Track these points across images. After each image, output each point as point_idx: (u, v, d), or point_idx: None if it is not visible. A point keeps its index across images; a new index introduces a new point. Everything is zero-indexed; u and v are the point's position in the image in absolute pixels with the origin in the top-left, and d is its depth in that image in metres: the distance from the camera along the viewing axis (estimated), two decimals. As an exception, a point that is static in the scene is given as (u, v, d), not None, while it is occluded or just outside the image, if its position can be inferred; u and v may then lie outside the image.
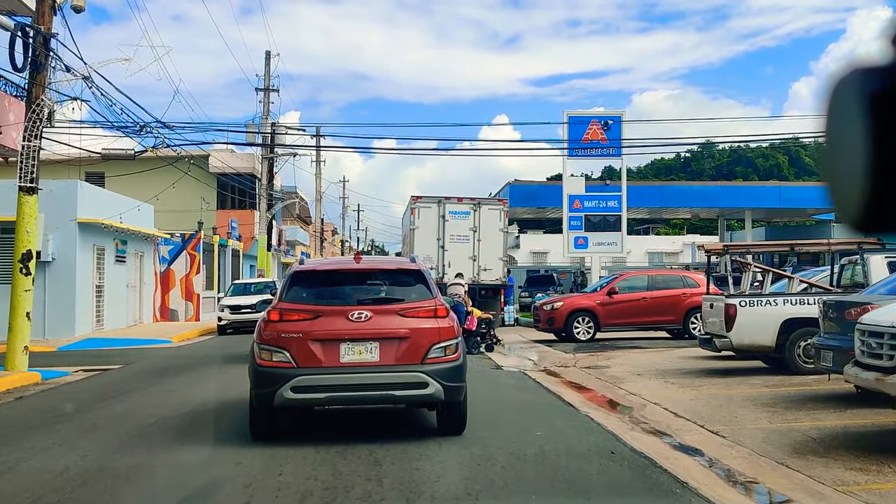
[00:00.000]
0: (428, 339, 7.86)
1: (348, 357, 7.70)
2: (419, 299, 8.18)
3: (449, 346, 7.94)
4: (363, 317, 7.80)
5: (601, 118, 28.27)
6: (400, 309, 8.03)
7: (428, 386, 7.72)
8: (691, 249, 64.81)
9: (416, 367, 7.76)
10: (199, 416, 10.07)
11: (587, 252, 28.88)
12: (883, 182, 1.08)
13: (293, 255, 60.85)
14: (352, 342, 7.72)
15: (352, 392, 7.83)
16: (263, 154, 39.83)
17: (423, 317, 8.01)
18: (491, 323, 19.14)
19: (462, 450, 7.68)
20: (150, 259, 31.26)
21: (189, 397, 11.57)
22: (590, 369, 14.89)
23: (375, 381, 7.74)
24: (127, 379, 14.30)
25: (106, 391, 12.52)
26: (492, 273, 25.43)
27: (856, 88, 1.12)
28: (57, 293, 23.70)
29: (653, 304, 21.12)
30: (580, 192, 28.23)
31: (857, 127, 1.10)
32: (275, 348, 7.70)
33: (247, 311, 25.47)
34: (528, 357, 17.70)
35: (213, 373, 14.77)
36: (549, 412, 9.99)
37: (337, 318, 7.83)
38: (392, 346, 7.78)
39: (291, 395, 7.58)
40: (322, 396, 7.82)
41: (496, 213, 25.55)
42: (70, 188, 24.13)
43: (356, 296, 8.20)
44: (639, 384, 12.50)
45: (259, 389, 7.79)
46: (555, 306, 21.53)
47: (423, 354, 7.79)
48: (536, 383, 12.82)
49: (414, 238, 25.40)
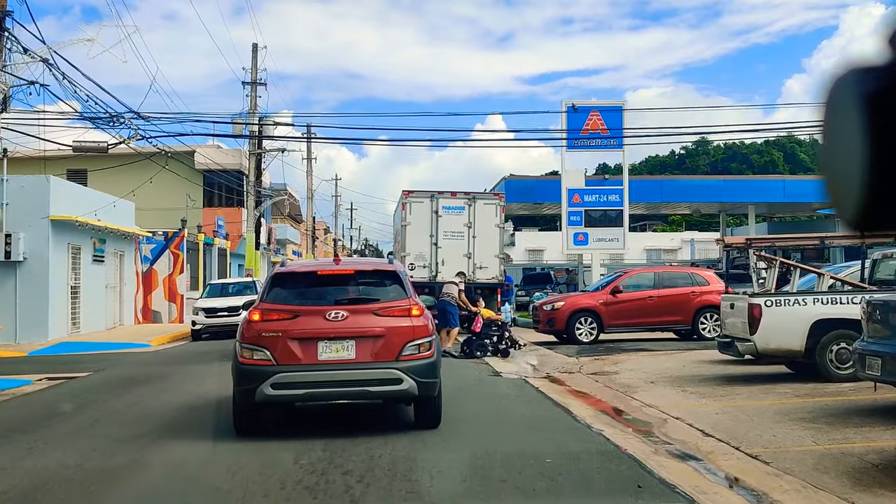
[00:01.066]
0: (402, 337, 8.17)
1: (326, 355, 8.02)
2: (394, 299, 8.50)
3: (423, 343, 8.24)
4: (340, 316, 8.13)
5: (602, 108, 27.03)
6: (375, 308, 8.37)
7: (402, 382, 8.02)
8: (691, 246, 63.61)
9: (391, 364, 8.06)
10: (156, 440, 8.78)
11: (587, 249, 27.65)
12: (880, 181, 1.08)
13: (283, 254, 59.53)
14: (329, 340, 8.03)
15: (329, 388, 8.15)
16: (251, 149, 38.54)
17: (398, 316, 8.32)
18: (504, 325, 17.71)
19: (460, 483, 6.46)
20: (132, 258, 29.94)
21: (152, 411, 10.32)
22: (597, 375, 13.66)
23: (351, 377, 8.05)
24: (90, 389, 13.04)
25: (59, 405, 11.23)
26: (488, 271, 24.17)
27: (852, 88, 1.12)
28: (29, 295, 22.40)
29: (660, 304, 19.89)
30: (580, 185, 26.99)
31: (853, 126, 1.10)
32: (256, 347, 8.00)
33: (223, 314, 23.63)
34: (528, 361, 16.46)
35: (185, 382, 13.51)
36: (558, 430, 8.74)
37: (315, 317, 8.15)
38: (368, 343, 8.09)
39: (271, 391, 7.87)
40: (300, 392, 8.10)
41: (492, 208, 24.29)
42: (41, 184, 22.81)
43: (333, 296, 8.53)
44: (654, 394, 11.26)
45: (241, 386, 8.09)
46: (555, 306, 20.26)
47: (397, 352, 8.10)
48: (540, 393, 11.57)
49: (405, 235, 24.13)
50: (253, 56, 39.79)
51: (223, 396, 11.12)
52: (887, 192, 1.08)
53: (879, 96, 1.08)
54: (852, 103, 1.11)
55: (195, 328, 23.91)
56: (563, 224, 27.16)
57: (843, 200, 1.14)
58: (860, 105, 1.10)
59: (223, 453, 7.76)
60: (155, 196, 39.06)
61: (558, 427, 8.94)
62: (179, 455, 7.75)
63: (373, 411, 9.52)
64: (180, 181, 38.13)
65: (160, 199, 38.63)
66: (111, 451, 8.02)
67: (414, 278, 24.03)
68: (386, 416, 9.37)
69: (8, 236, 22.09)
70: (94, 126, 19.07)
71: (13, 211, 22.35)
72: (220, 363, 16.26)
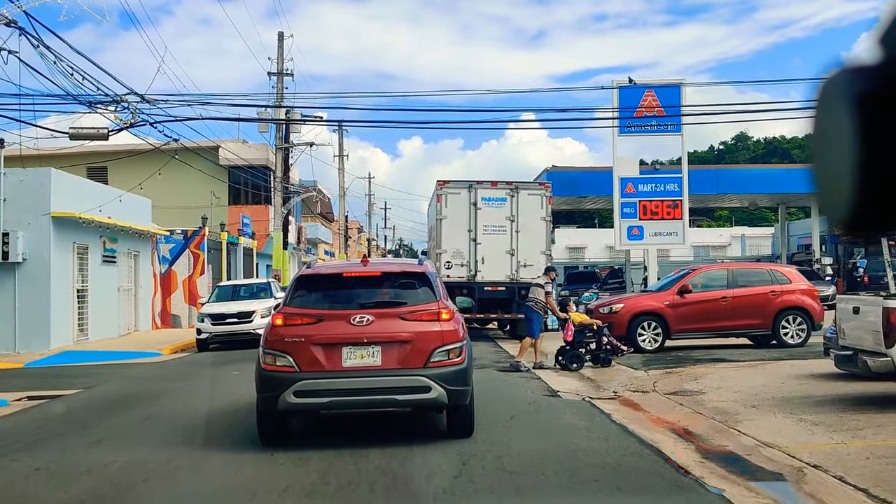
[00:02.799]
0: (430, 342, 7.81)
1: (350, 361, 7.72)
2: (423, 302, 8.14)
3: (452, 349, 7.86)
4: (365, 321, 7.79)
5: (657, 87, 24.38)
6: (402, 312, 8.00)
7: (430, 390, 7.67)
8: (741, 242, 60.59)
9: (419, 371, 7.71)
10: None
11: (642, 244, 25.00)
12: (870, 182, 1.08)
13: (315, 253, 57.48)
14: (354, 346, 7.74)
15: (354, 396, 7.83)
16: (277, 143, 36.46)
17: (426, 320, 7.94)
18: (601, 330, 15.15)
19: None
20: (148, 259, 27.85)
21: (116, 457, 8.02)
22: (678, 396, 11.15)
23: (377, 385, 7.72)
24: (61, 416, 10.82)
25: (11, 442, 8.96)
26: (533, 269, 21.62)
27: (844, 89, 1.12)
28: (29, 299, 20.36)
29: (735, 305, 17.26)
30: (634, 174, 24.35)
31: (845, 127, 1.10)
32: (278, 353, 7.73)
33: (232, 321, 20.57)
34: (587, 376, 13.98)
35: (174, 405, 11.25)
36: (660, 489, 6.28)
37: (339, 322, 7.83)
38: (394, 349, 7.77)
39: (294, 399, 7.61)
40: (324, 401, 7.83)
41: (537, 199, 21.83)
42: (42, 177, 20.73)
43: (359, 300, 8.18)
44: (764, 425, 8.74)
45: (263, 394, 7.82)
46: (614, 309, 17.67)
47: (425, 358, 7.75)
48: (616, 424, 9.08)
49: (441, 230, 21.74)
50: (279, 45, 37.75)
51: (216, 432, 8.85)
52: (878, 193, 1.08)
53: (870, 96, 1.08)
54: (843, 103, 1.10)
55: (200, 337, 20.94)
56: (615, 217, 24.52)
57: (834, 200, 1.13)
58: (851, 105, 1.09)
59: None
60: (179, 194, 37.18)
61: (657, 483, 6.48)
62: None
63: (405, 418, 8.87)
64: (204, 178, 36.22)
65: (184, 197, 36.71)
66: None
67: (451, 278, 21.67)
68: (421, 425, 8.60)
69: (5, 235, 20.05)
70: (91, 109, 16.92)
71: (12, 207, 20.31)
72: (225, 379, 14.00)
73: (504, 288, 21.50)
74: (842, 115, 1.10)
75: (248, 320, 20.09)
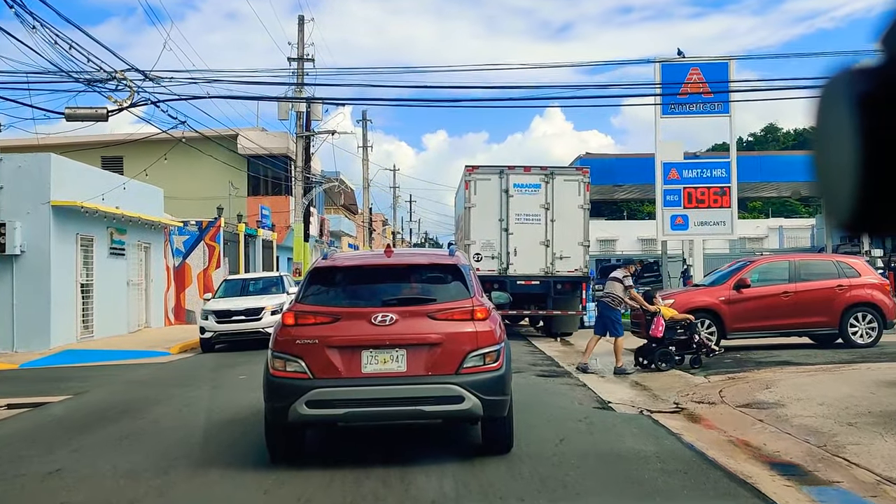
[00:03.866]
0: (463, 345, 6.75)
1: (371, 367, 6.70)
2: (454, 298, 7.11)
3: (488, 353, 6.80)
4: (388, 320, 6.79)
5: (703, 64, 22.52)
6: (430, 310, 6.97)
7: (464, 400, 6.61)
8: (779, 234, 58.28)
9: (450, 379, 6.67)
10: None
11: (687, 234, 23.17)
12: (871, 183, 1.08)
13: (338, 246, 56.05)
14: (375, 349, 6.70)
15: (375, 407, 6.78)
16: (298, 132, 34.99)
17: (459, 319, 6.90)
18: (692, 327, 13.66)
19: None
20: (160, 251, 26.45)
21: (65, 496, 6.48)
22: (752, 409, 9.45)
23: (402, 394, 6.66)
24: (33, 431, 9.32)
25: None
26: (570, 262, 20.03)
27: (845, 89, 1.11)
28: (27, 295, 18.99)
29: (798, 301, 15.49)
30: (678, 159, 22.51)
31: (846, 128, 1.09)
32: (289, 356, 6.71)
33: (239, 318, 18.74)
34: (639, 382, 12.31)
35: (166, 418, 9.71)
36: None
37: (358, 321, 6.82)
38: (421, 353, 6.72)
39: (306, 410, 6.58)
40: (341, 412, 6.74)
41: (574, 185, 20.13)
42: (41, 163, 19.31)
43: (381, 295, 7.15)
44: (875, 451, 7.03)
45: (272, 403, 6.80)
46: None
47: (457, 363, 6.71)
48: (689, 449, 7.39)
49: (469, 219, 20.11)
50: (299, 29, 36.32)
51: (210, 452, 7.35)
52: (878, 194, 1.08)
53: (872, 97, 1.07)
54: (845, 104, 1.09)
55: (204, 336, 19.01)
56: (657, 205, 22.72)
57: (836, 201, 1.13)
58: (853, 106, 1.08)
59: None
60: (197, 185, 35.86)
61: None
62: None
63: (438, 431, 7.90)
64: (223, 168, 34.86)
65: (202, 188, 35.43)
66: None
67: (480, 271, 19.98)
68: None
69: (1, 226, 18.69)
70: (87, 87, 15.43)
71: (8, 196, 18.95)
72: (229, 384, 12.49)
73: (538, 282, 19.85)
74: (843, 116, 1.09)
75: (256, 318, 18.44)
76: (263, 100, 26.14)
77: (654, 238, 58.96)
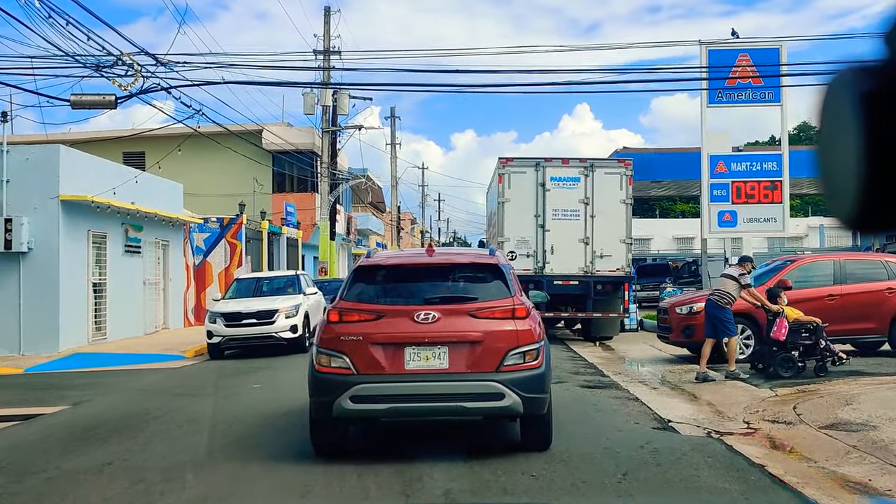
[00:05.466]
0: (504, 343, 6.89)
1: (414, 363, 6.85)
2: (495, 297, 7.19)
3: (529, 351, 6.91)
4: (431, 318, 6.92)
5: (752, 50, 21.03)
6: (472, 309, 7.07)
7: (504, 397, 6.74)
8: (819, 232, 56.26)
9: (491, 376, 6.80)
10: None
11: (735, 231, 21.70)
12: (876, 182, 1.06)
13: (366, 245, 54.93)
14: (418, 346, 6.86)
15: (417, 403, 6.93)
16: (324, 127, 33.91)
17: (499, 318, 7.01)
18: (818, 330, 12.30)
19: None
20: (180, 249, 25.40)
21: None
22: (836, 431, 8.07)
23: (444, 390, 6.85)
24: (9, 450, 8.15)
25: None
26: (611, 261, 18.66)
27: (849, 87, 1.09)
28: (35, 294, 17.96)
29: (844, 305, 13.96)
30: (725, 151, 21.05)
31: (850, 126, 1.07)
32: (333, 353, 6.91)
33: (251, 321, 16.90)
34: (697, 395, 10.93)
35: (157, 442, 8.50)
36: None
37: (401, 319, 6.97)
38: (463, 351, 6.88)
39: (350, 405, 6.79)
40: (384, 407, 6.95)
41: (616, 178, 18.76)
42: (49, 155, 18.28)
43: (424, 294, 7.27)
44: None
45: (316, 398, 7.03)
46: (694, 308, 14.40)
47: (498, 361, 6.84)
48: (783, 488, 6.05)
49: (503, 215, 18.80)
50: (325, 21, 35.32)
51: (203, 491, 6.14)
52: (883, 193, 1.06)
53: (876, 95, 1.05)
54: (849, 102, 1.07)
55: (212, 342, 17.09)
56: (702, 200, 21.29)
57: (840, 200, 1.11)
58: (856, 104, 1.06)
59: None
60: (220, 182, 34.88)
61: None
62: None
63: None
64: (247, 165, 33.89)
65: (226, 185, 34.41)
66: None
67: (515, 270, 18.82)
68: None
69: (8, 221, 17.65)
70: (95, 73, 14.33)
71: (16, 190, 17.93)
72: (242, 395, 11.23)
73: (577, 282, 18.50)
74: (847, 114, 1.07)
75: (269, 321, 16.84)
76: (283, 85, 25.02)
77: (691, 237, 57.59)
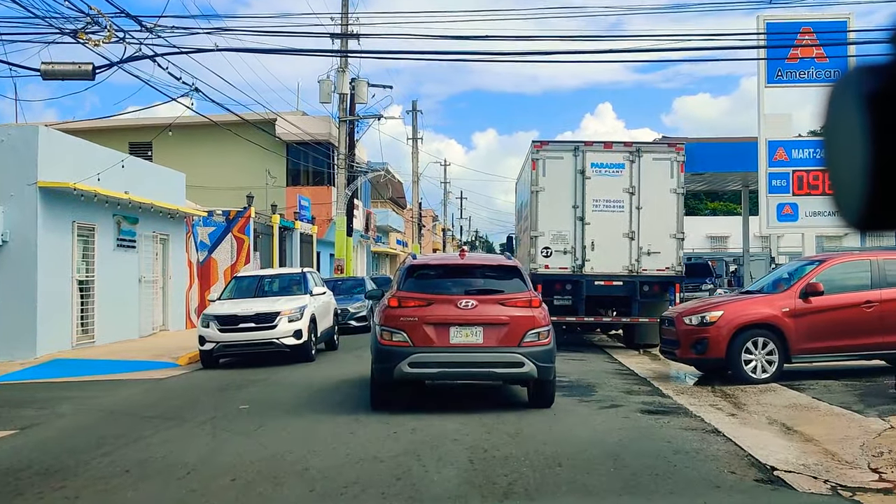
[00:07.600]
0: (524, 325, 9.12)
1: (457, 339, 9.04)
2: (516, 291, 9.46)
3: (542, 331, 9.19)
4: (470, 305, 9.13)
5: (817, 24, 18.70)
6: (500, 299, 9.31)
7: (524, 365, 8.99)
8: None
9: (515, 349, 9.02)
10: None
11: (796, 226, 19.37)
12: (882, 181, 1.07)
13: (385, 242, 52.84)
14: (460, 326, 9.06)
15: (459, 368, 9.24)
16: (341, 116, 31.80)
17: (521, 306, 9.26)
18: None
19: None
20: (181, 244, 23.41)
21: None
22: None
23: (480, 359, 9.10)
24: None
25: None
26: (660, 259, 16.42)
27: (855, 87, 1.10)
28: (10, 293, 16.03)
29: (884, 313, 11.61)
30: (786, 136, 18.75)
31: (856, 126, 1.08)
32: (394, 329, 9.08)
33: (249, 325, 14.90)
34: (790, 426, 8.69)
35: (95, 489, 6.37)
36: None
37: (447, 305, 9.18)
38: (494, 330, 9.08)
39: (408, 369, 8.99)
40: (434, 371, 9.27)
41: (665, 164, 16.55)
42: (27, 136, 16.28)
43: (463, 287, 9.47)
44: None
45: (380, 364, 9.22)
46: (707, 318, 11.88)
47: (520, 338, 9.06)
48: None
49: (537, 206, 16.60)
50: (343, 4, 33.14)
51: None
52: (889, 192, 1.06)
53: (882, 95, 1.06)
54: (855, 102, 1.08)
55: (204, 348, 15.01)
56: (760, 192, 18.97)
57: (846, 199, 1.12)
58: (863, 104, 1.07)
59: None
60: (232, 173, 32.95)
61: None
62: None
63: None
64: (259, 156, 31.96)
65: (237, 177, 32.47)
66: None
67: (549, 269, 16.46)
68: None
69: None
70: (72, 38, 12.30)
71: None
72: (226, 418, 8.95)
73: (621, 282, 16.29)
74: (853, 114, 1.08)
75: (269, 325, 14.69)
76: (285, 53, 22.80)
77: (726, 235, 54.88)
